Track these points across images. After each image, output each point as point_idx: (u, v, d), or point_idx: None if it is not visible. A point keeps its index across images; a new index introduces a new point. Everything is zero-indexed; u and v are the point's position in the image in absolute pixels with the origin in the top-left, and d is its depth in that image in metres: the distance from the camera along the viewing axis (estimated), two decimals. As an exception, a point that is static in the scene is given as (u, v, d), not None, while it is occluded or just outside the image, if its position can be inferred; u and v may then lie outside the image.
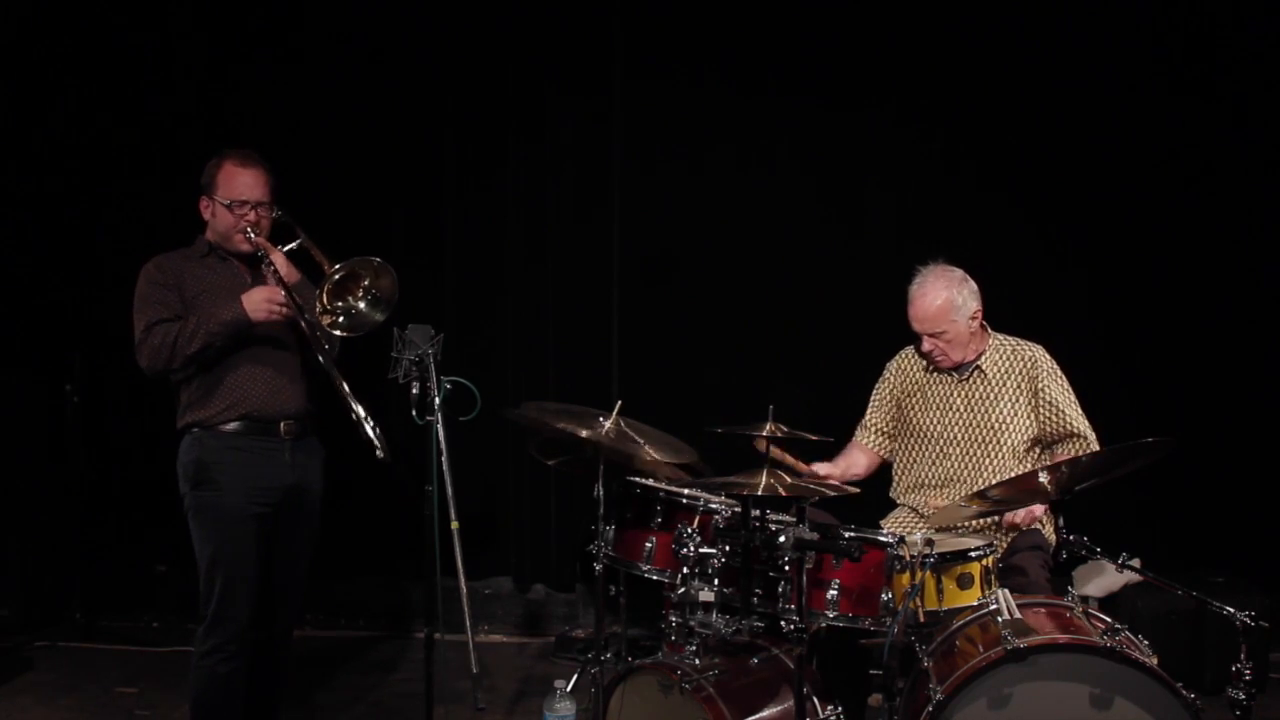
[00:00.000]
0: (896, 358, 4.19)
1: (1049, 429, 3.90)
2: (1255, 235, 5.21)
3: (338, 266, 3.41)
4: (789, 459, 3.91)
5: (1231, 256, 5.22)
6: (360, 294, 3.50)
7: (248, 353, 3.58)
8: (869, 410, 4.23)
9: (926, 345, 3.95)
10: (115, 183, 5.58)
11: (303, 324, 3.54)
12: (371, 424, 3.39)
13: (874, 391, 4.22)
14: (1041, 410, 3.89)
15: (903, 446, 4.13)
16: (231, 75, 5.51)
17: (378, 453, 3.40)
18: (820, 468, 4.06)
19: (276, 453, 3.61)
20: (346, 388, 3.45)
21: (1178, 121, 5.22)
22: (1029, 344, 3.98)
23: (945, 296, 3.88)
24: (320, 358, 3.56)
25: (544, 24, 5.49)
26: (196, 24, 5.52)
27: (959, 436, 3.97)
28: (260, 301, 3.50)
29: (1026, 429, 3.91)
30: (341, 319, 3.46)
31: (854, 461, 4.19)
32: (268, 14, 5.52)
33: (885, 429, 4.19)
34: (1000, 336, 4.01)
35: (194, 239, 3.70)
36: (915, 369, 4.12)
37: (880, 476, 4.23)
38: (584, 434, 3.59)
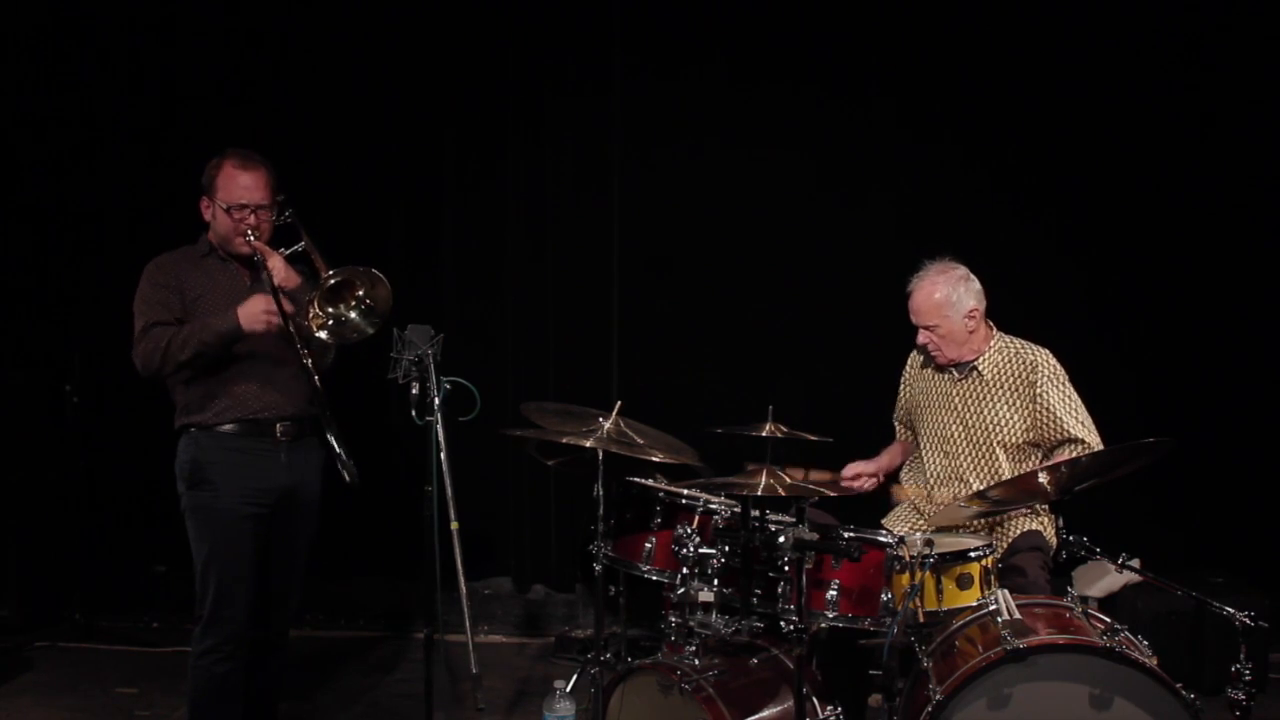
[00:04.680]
0: (914, 353, 4.20)
1: (1045, 435, 3.89)
2: (1257, 235, 5.21)
3: (332, 273, 3.39)
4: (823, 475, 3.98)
5: (1233, 256, 5.22)
6: (354, 302, 3.46)
7: (245, 354, 3.57)
8: (899, 399, 4.27)
9: (921, 338, 3.98)
10: (116, 182, 5.58)
11: (291, 329, 3.51)
12: (341, 454, 3.39)
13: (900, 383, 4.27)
14: (1038, 415, 3.89)
15: (919, 444, 4.15)
16: (232, 74, 5.51)
17: (346, 477, 3.40)
18: (852, 467, 4.09)
19: (272, 454, 3.61)
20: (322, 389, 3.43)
21: (1180, 120, 5.22)
22: (1034, 347, 3.97)
23: (943, 291, 3.90)
24: (308, 363, 3.54)
25: (543, 22, 5.49)
26: (198, 23, 5.52)
27: (956, 435, 3.97)
28: (256, 314, 3.47)
29: (1021, 431, 3.90)
30: (330, 324, 3.44)
31: (895, 455, 4.25)
32: (268, 13, 5.52)
33: (907, 422, 4.24)
34: (1007, 338, 4.00)
35: (197, 237, 3.70)
36: (921, 366, 4.14)
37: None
38: (587, 444, 3.58)
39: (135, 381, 3.77)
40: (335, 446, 3.40)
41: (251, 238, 3.55)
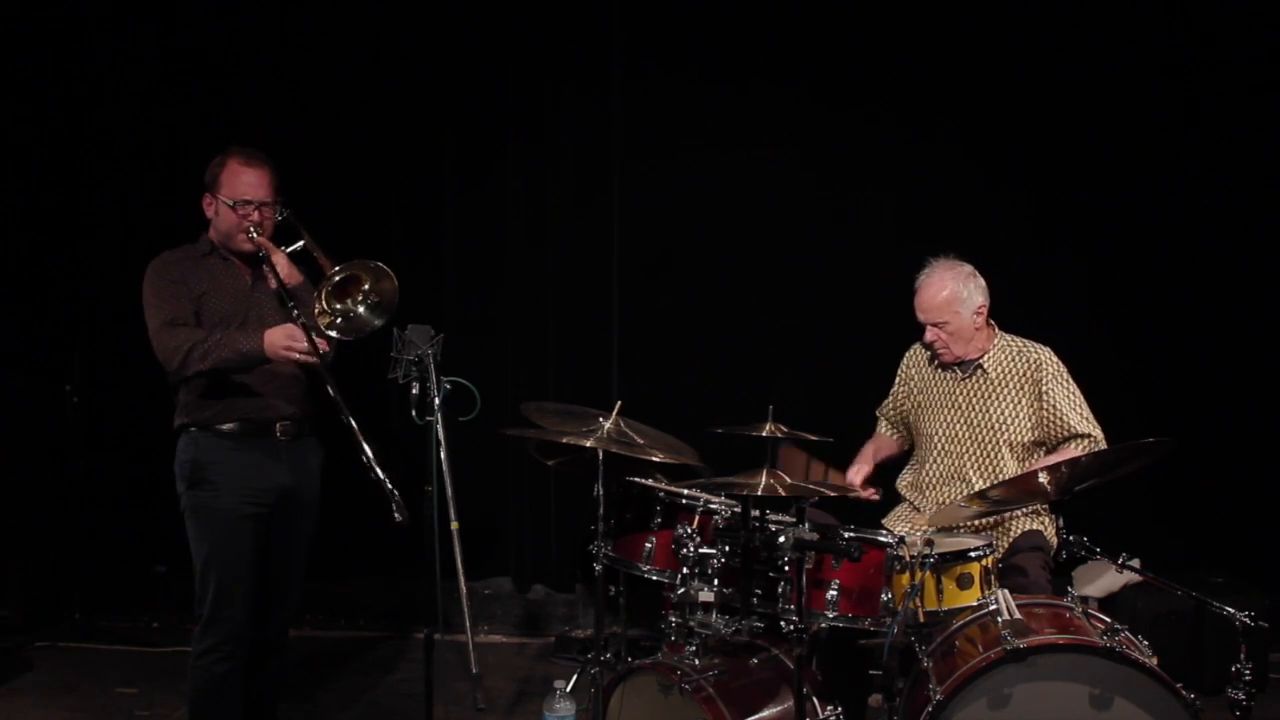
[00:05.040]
0: (909, 352, 4.20)
1: (1051, 432, 3.90)
2: (1257, 235, 5.21)
3: (338, 269, 3.40)
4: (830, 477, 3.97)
5: (1233, 256, 5.22)
6: (360, 297, 3.48)
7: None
8: (889, 398, 4.26)
9: (929, 336, 3.96)
10: (116, 182, 5.58)
11: (319, 365, 3.50)
12: (395, 492, 3.35)
13: (894, 381, 4.25)
14: (1044, 413, 3.89)
15: (916, 444, 4.15)
16: (232, 74, 5.51)
17: (396, 517, 3.33)
18: (854, 473, 4.09)
19: (272, 454, 3.60)
20: (336, 394, 3.42)
21: (1181, 119, 5.22)
22: (1036, 345, 3.98)
23: (951, 288, 3.89)
24: (315, 361, 3.53)
25: (543, 22, 5.49)
26: (197, 21, 5.52)
27: (961, 434, 3.97)
28: (280, 344, 3.44)
29: (1027, 429, 3.91)
30: (339, 320, 3.44)
31: (881, 445, 4.24)
32: (268, 12, 5.52)
33: (897, 421, 4.23)
34: (1008, 337, 4.01)
35: (197, 237, 3.70)
36: (921, 365, 4.13)
37: (883, 476, 4.23)
38: (587, 444, 3.57)
39: (135, 381, 3.78)
40: (386, 484, 3.29)
41: (254, 234, 3.56)
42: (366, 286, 3.47)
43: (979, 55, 5.26)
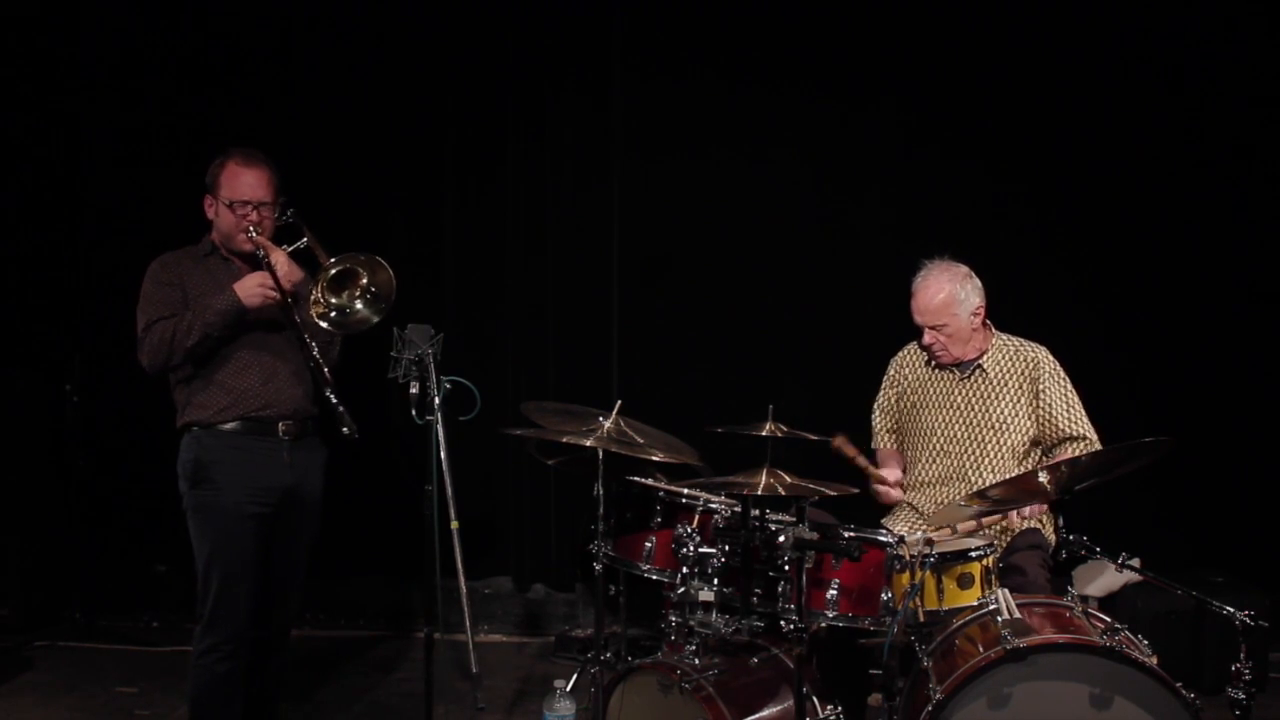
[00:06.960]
0: (899, 355, 4.20)
1: (1047, 432, 3.90)
2: (1256, 235, 5.21)
3: (333, 261, 3.42)
4: (860, 460, 3.94)
5: (1233, 256, 5.22)
6: (358, 292, 3.48)
7: (247, 352, 3.58)
8: (876, 414, 4.24)
9: (927, 338, 3.96)
10: (117, 182, 5.58)
11: (296, 319, 3.53)
12: (340, 408, 3.38)
13: (879, 394, 4.22)
14: (1041, 413, 3.90)
15: (907, 444, 4.14)
16: (233, 74, 5.51)
17: (344, 430, 3.39)
18: (888, 473, 4.06)
19: (275, 453, 3.61)
20: (328, 374, 3.44)
21: (1180, 120, 5.22)
22: (1033, 345, 3.98)
23: (949, 290, 3.89)
24: (309, 360, 3.55)
25: (544, 23, 5.49)
26: (197, 22, 5.53)
27: (960, 434, 3.97)
28: (253, 287, 3.50)
29: (1026, 429, 3.91)
30: (333, 315, 3.45)
31: (897, 457, 4.20)
32: (269, 12, 5.52)
33: (893, 428, 4.21)
34: (1004, 337, 4.01)
35: (199, 238, 3.71)
36: (918, 366, 4.12)
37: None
38: (587, 444, 3.57)
39: (135, 381, 3.77)
40: (332, 399, 3.39)
41: (254, 233, 3.56)
42: (364, 281, 3.47)
43: (977, 55, 5.25)
